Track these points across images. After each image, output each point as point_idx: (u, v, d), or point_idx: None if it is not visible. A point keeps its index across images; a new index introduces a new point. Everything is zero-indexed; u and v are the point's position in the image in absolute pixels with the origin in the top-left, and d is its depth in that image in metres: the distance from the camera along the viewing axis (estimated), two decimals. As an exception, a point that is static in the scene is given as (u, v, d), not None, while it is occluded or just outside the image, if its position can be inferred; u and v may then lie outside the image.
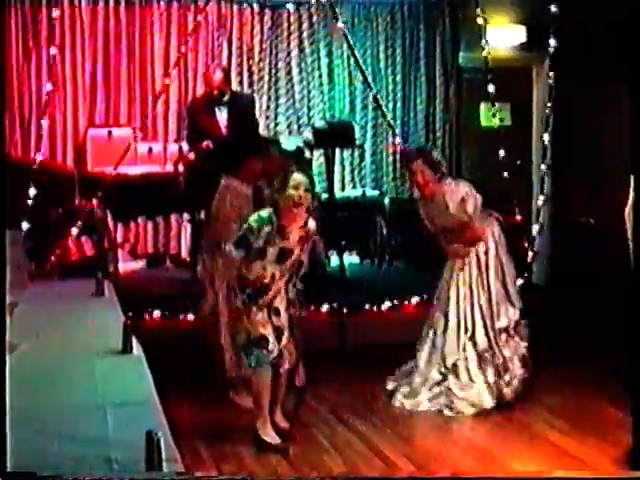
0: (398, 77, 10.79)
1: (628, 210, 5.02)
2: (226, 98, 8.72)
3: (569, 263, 9.51)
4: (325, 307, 8.37)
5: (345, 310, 8.29)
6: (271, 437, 5.83)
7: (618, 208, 5.12)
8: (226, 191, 6.68)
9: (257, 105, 9.86)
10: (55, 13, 8.86)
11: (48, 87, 8.88)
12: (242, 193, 6.59)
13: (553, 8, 9.16)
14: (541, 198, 9.63)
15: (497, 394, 6.57)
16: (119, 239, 9.30)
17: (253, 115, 9.22)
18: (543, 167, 9.65)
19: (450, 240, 6.74)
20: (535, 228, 9.57)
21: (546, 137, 9.62)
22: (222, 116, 8.68)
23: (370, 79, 9.85)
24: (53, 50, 8.98)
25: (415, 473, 5.38)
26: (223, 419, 6.38)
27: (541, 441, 5.94)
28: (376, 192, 10.30)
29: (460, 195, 6.58)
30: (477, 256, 6.69)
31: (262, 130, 10.31)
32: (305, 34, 10.52)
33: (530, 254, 9.40)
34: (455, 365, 6.63)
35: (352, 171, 10.76)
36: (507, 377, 6.64)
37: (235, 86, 10.33)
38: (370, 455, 5.70)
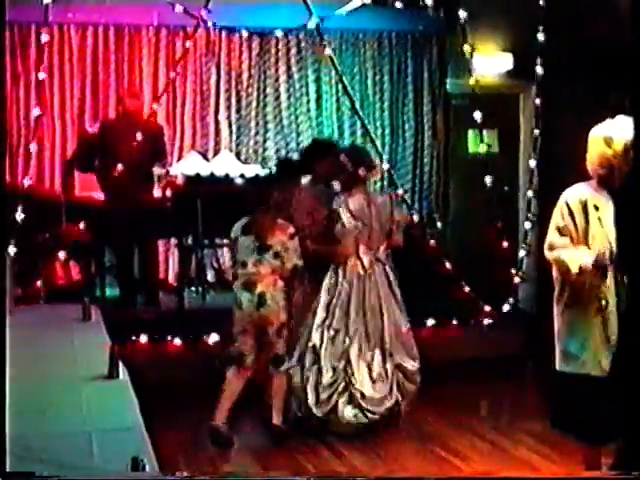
0: (386, 103, 10.82)
1: (549, 244, 4.85)
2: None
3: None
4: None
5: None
6: None
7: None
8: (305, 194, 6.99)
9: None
10: (44, 38, 8.82)
11: (36, 112, 8.84)
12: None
13: (540, 36, 9.21)
14: (528, 225, 9.62)
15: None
16: (106, 264, 9.28)
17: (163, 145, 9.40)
18: (530, 193, 9.66)
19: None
20: (522, 251, 9.56)
21: (532, 163, 9.64)
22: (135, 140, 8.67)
23: (358, 105, 9.87)
24: (42, 74, 8.95)
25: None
26: (209, 444, 6.37)
27: (523, 464, 5.95)
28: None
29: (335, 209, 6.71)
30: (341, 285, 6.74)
31: (250, 155, 10.38)
32: (293, 60, 10.56)
33: (517, 277, 9.39)
34: None
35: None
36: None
37: (223, 111, 10.40)
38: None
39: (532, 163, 9.64)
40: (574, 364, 4.72)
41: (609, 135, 4.67)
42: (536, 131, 9.62)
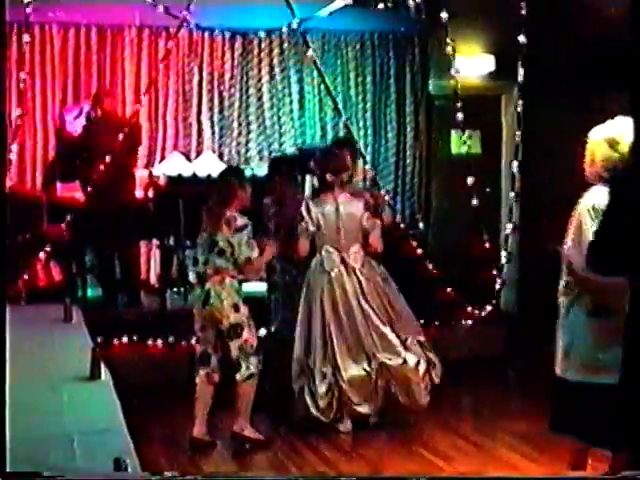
0: (368, 104, 10.82)
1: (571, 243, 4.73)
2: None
3: (537, 290, 9.55)
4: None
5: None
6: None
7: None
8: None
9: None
10: (26, 38, 8.78)
11: (17, 112, 8.81)
12: None
13: (521, 38, 9.22)
14: (509, 226, 9.62)
15: None
16: (87, 264, 9.25)
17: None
18: (512, 195, 9.66)
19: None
20: (503, 255, 9.55)
21: (515, 165, 9.62)
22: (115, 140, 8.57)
23: (341, 106, 9.89)
24: (23, 74, 8.92)
25: None
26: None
27: (505, 466, 5.96)
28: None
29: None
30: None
31: (233, 156, 10.37)
32: (276, 61, 10.55)
33: (498, 282, 9.39)
34: None
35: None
36: None
37: (206, 112, 10.39)
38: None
39: (514, 165, 9.61)
40: (604, 375, 4.36)
41: (613, 137, 4.49)
42: (518, 133, 9.61)
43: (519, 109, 9.54)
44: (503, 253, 9.48)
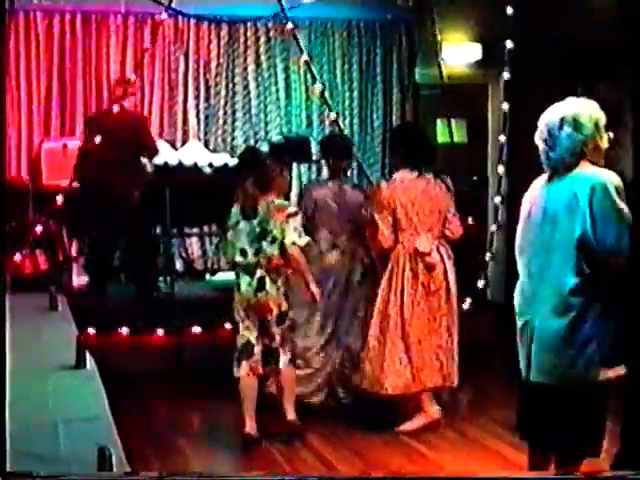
0: (355, 93, 10.82)
1: None
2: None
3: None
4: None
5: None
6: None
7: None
8: None
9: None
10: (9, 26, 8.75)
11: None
12: None
13: (508, 26, 9.19)
14: (493, 227, 9.58)
15: None
16: (73, 253, 9.22)
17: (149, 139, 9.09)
18: (497, 200, 9.58)
19: None
20: (488, 255, 9.50)
21: (500, 169, 9.51)
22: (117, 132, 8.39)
23: (327, 94, 9.87)
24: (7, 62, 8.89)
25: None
26: (176, 434, 6.33)
27: (491, 454, 5.97)
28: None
29: None
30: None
31: (219, 144, 10.35)
32: (262, 49, 10.54)
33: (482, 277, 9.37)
34: None
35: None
36: None
37: (191, 100, 10.36)
38: None
39: (500, 169, 9.51)
40: None
41: (573, 116, 4.30)
42: (502, 138, 9.51)
43: (505, 108, 9.46)
44: (488, 254, 9.43)
